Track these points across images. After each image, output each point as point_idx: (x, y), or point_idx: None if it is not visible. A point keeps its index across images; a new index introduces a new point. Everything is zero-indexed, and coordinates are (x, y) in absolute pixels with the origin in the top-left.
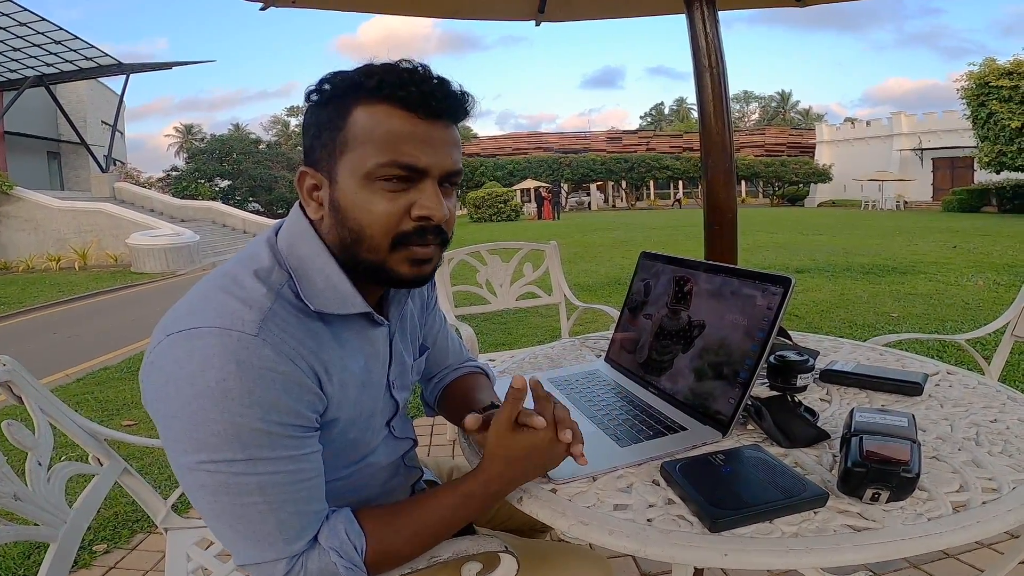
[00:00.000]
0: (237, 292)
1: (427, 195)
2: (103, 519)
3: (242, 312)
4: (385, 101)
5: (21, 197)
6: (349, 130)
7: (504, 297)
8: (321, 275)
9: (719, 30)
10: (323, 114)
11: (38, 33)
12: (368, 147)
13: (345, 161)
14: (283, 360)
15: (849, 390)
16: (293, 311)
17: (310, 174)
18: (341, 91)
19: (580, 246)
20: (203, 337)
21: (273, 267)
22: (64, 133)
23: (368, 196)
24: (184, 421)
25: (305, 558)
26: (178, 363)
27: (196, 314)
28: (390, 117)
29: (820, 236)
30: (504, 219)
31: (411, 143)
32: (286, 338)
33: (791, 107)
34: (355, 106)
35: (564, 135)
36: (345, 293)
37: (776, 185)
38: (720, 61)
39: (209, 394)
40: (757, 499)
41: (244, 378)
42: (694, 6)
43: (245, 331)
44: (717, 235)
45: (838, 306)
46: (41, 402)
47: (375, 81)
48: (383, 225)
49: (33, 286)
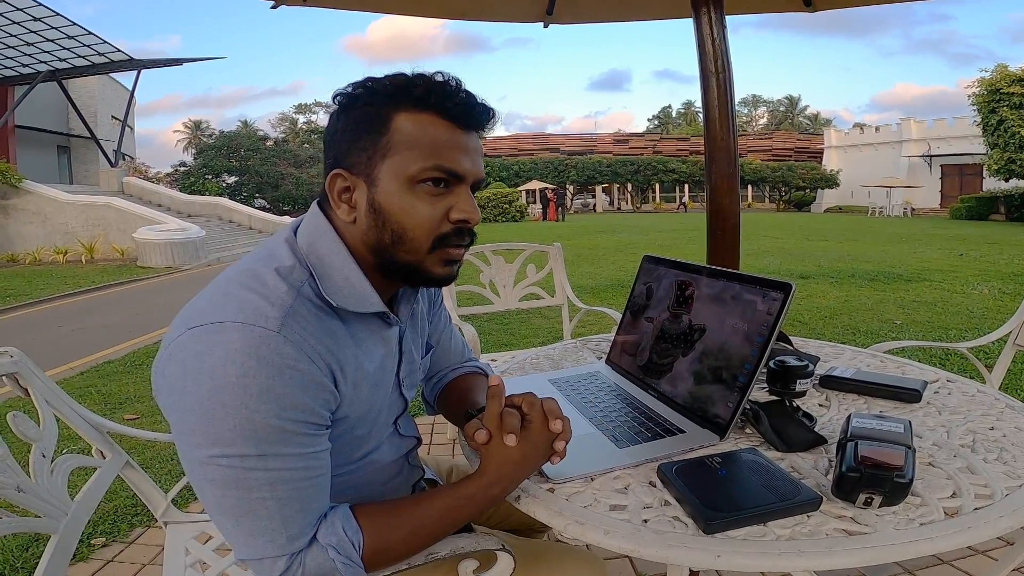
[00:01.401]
0: (259, 289)
1: (464, 199)
2: (103, 512)
3: (264, 309)
4: (430, 110)
5: (30, 190)
6: (393, 135)
7: (507, 298)
8: (340, 274)
9: (726, 35)
10: (360, 118)
11: (51, 28)
12: (414, 152)
13: (388, 165)
14: (303, 358)
15: (848, 396)
16: (313, 309)
17: (345, 176)
18: (382, 97)
19: (584, 248)
20: (226, 332)
21: (294, 265)
22: (74, 128)
23: (411, 199)
24: (200, 415)
25: (304, 555)
26: (199, 357)
27: (219, 309)
28: (435, 126)
29: (826, 242)
30: (509, 220)
31: (453, 151)
32: (306, 336)
33: (799, 112)
34: (397, 112)
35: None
36: (363, 292)
37: (783, 190)
38: (726, 66)
39: (229, 388)
40: (751, 502)
41: (264, 374)
42: (702, 10)
43: (268, 327)
44: (720, 240)
45: (842, 312)
46: (47, 394)
47: (420, 91)
48: (426, 227)
49: (40, 278)
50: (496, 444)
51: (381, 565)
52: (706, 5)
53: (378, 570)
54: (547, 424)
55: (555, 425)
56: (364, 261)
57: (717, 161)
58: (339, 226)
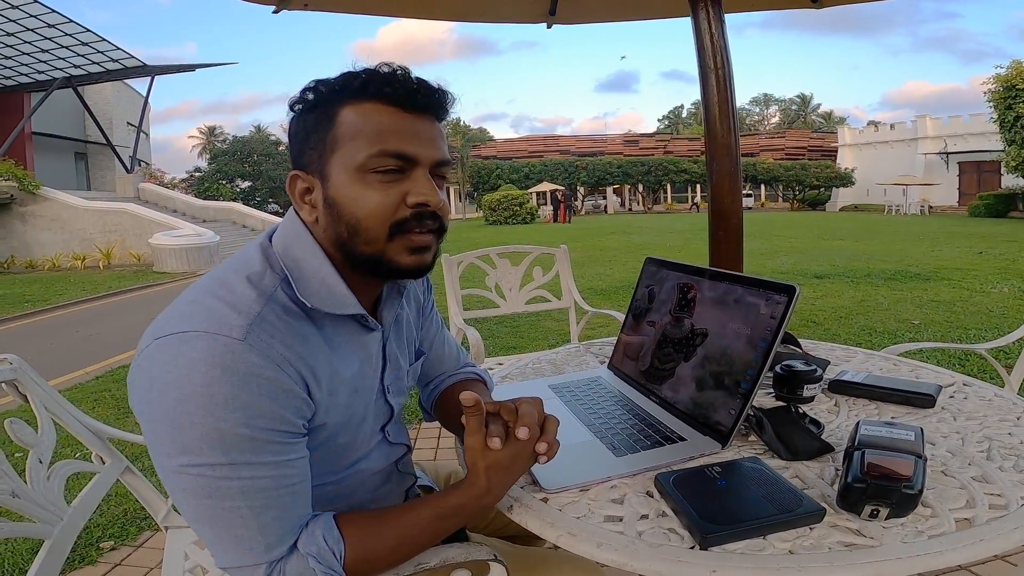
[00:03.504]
0: (227, 297)
1: (420, 182)
2: (112, 516)
3: (230, 317)
4: (372, 99)
5: (48, 197)
6: (338, 129)
7: (513, 301)
8: (316, 276)
9: (725, 31)
10: (310, 119)
11: (66, 35)
12: (358, 141)
13: (336, 158)
14: (269, 365)
15: (858, 401)
16: (284, 315)
17: (301, 177)
18: (326, 95)
19: (594, 250)
20: (190, 341)
21: (265, 271)
22: (91, 134)
23: (362, 189)
24: (168, 424)
25: (283, 563)
26: (164, 367)
27: (185, 319)
28: (378, 112)
29: (841, 241)
30: (519, 222)
31: (400, 134)
32: (274, 343)
33: (812, 110)
34: (342, 107)
35: (580, 138)
36: (339, 294)
37: (796, 189)
38: (726, 62)
39: (194, 398)
40: (750, 514)
41: (229, 383)
42: (699, 7)
43: (232, 336)
44: (722, 240)
45: (858, 312)
46: (46, 400)
47: (360, 82)
48: (379, 215)
49: (58, 284)
50: (481, 450)
51: (366, 574)
52: (703, 1)
53: None
54: None
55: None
56: (335, 260)
57: (718, 159)
58: (310, 228)
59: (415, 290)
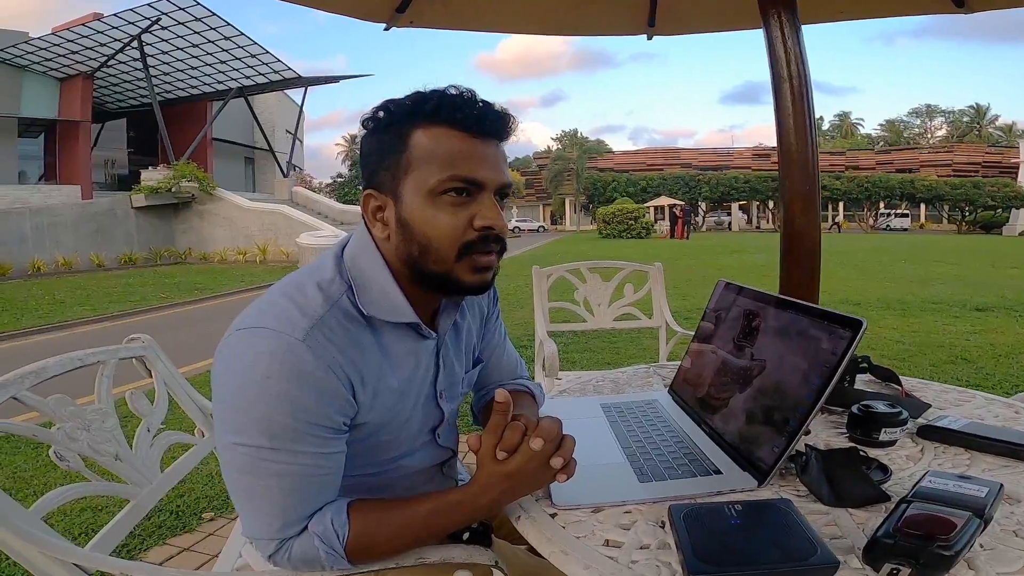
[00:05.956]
0: (298, 298)
1: (487, 206)
2: (220, 489)
3: (296, 318)
4: (443, 123)
5: (221, 197)
6: (411, 152)
7: (601, 317)
8: (377, 286)
9: (800, 38)
10: (383, 139)
11: (238, 47)
12: (431, 165)
13: (409, 180)
14: (321, 366)
15: (950, 450)
16: (344, 321)
17: (375, 196)
18: (400, 117)
19: (710, 268)
20: (260, 336)
21: (334, 278)
22: (257, 140)
23: (433, 211)
24: (229, 405)
25: (293, 541)
26: (236, 356)
27: (261, 315)
28: (448, 137)
29: (1015, 270)
30: (634, 236)
31: (469, 160)
32: (329, 346)
33: (988, 122)
34: (414, 129)
35: (703, 151)
36: (396, 303)
37: (966, 209)
38: (800, 71)
39: (252, 386)
40: (750, 558)
41: (284, 378)
42: (770, 13)
43: (294, 336)
44: (794, 266)
45: (1021, 352)
46: (166, 377)
47: (431, 105)
48: (450, 236)
49: (223, 275)
50: (488, 455)
51: (365, 559)
52: (774, 8)
53: (363, 563)
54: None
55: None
56: (401, 275)
57: (791, 177)
58: (378, 243)
59: (479, 300)
